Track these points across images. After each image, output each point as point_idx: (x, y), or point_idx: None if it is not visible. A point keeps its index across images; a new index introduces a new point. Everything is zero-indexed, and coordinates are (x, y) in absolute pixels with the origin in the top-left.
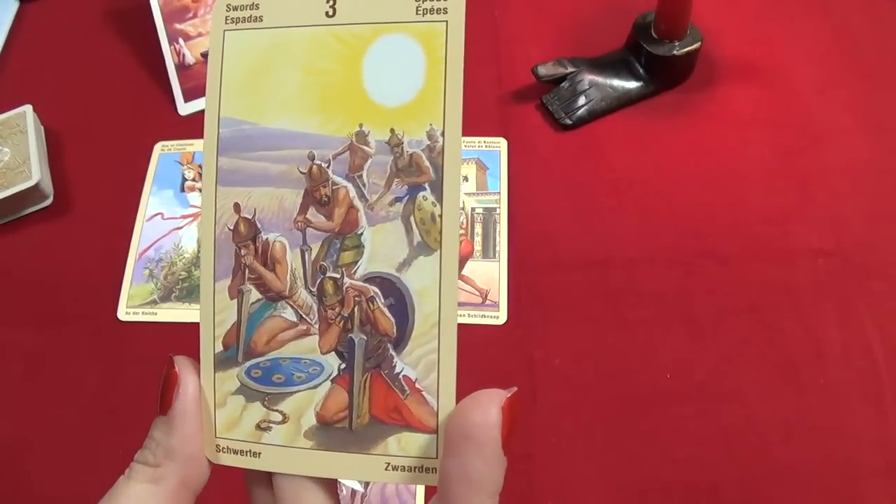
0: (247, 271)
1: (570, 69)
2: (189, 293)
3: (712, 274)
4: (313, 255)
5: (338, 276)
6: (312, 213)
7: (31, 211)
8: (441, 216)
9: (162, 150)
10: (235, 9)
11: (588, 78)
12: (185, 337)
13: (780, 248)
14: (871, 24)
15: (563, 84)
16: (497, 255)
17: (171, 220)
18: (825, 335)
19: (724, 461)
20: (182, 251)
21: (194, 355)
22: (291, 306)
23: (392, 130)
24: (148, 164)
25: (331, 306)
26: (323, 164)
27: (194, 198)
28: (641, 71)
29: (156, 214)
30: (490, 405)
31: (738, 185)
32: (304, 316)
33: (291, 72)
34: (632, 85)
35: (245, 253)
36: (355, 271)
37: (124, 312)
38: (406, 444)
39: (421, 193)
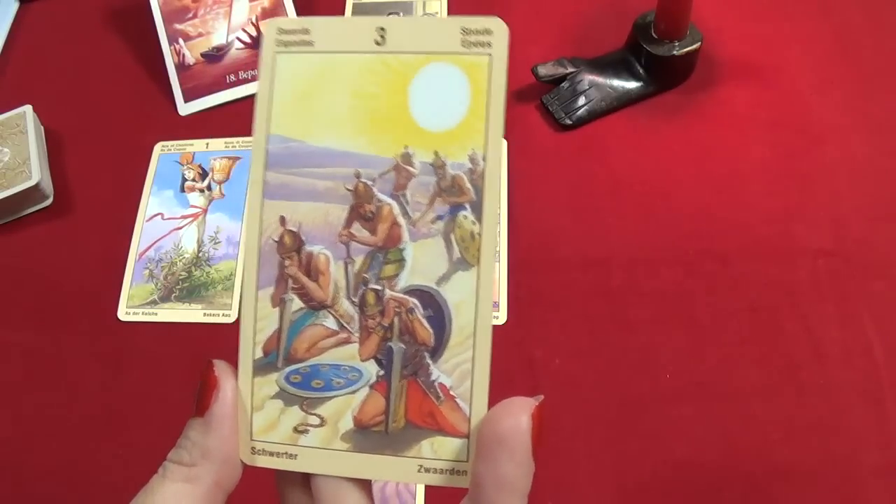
0: (290, 281)
1: (570, 69)
2: (189, 293)
3: (712, 274)
4: (356, 268)
5: (379, 287)
6: (357, 228)
7: (31, 211)
8: (480, 234)
9: (162, 151)
10: (286, 32)
11: (588, 78)
12: (185, 337)
13: (780, 248)
14: (871, 24)
15: (563, 84)
16: (497, 255)
17: (171, 220)
18: (825, 335)
19: (724, 461)
20: (182, 251)
21: (195, 355)
22: (333, 315)
23: (436, 153)
24: (148, 164)
25: (372, 316)
26: (369, 183)
27: (194, 198)
28: (641, 71)
29: (156, 214)
30: (521, 412)
31: (738, 185)
32: (345, 325)
33: (340, 95)
34: (632, 85)
35: (289, 264)
36: (396, 284)
37: (124, 312)
38: (439, 448)
39: (461, 213)
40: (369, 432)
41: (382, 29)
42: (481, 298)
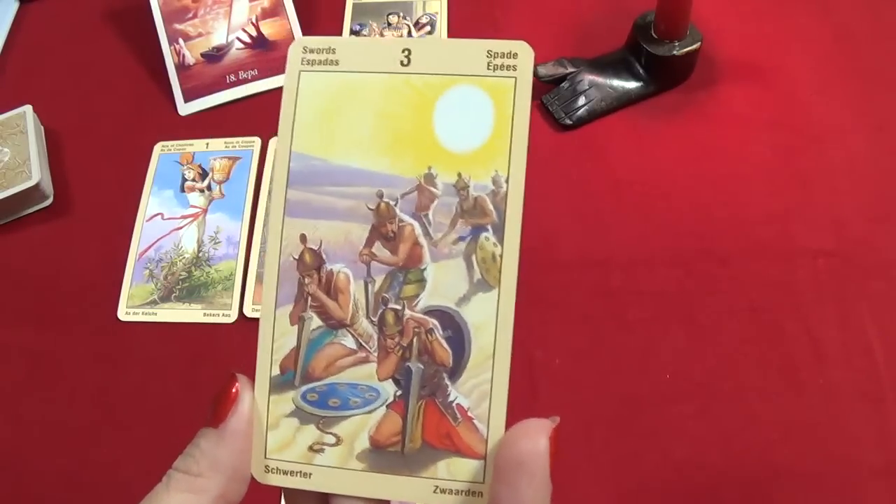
0: (309, 299)
1: (570, 69)
2: (189, 293)
3: (712, 274)
4: (376, 287)
5: (399, 307)
6: (378, 248)
7: (31, 211)
8: (501, 256)
9: (162, 150)
10: (312, 51)
11: (588, 78)
12: (185, 337)
13: (780, 248)
14: (871, 24)
15: (563, 84)
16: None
17: (171, 220)
18: (825, 335)
19: (724, 461)
20: (182, 251)
21: (195, 355)
22: (352, 334)
23: (459, 174)
24: (148, 164)
25: (391, 336)
26: (391, 202)
27: (194, 198)
28: (641, 71)
29: (156, 214)
30: (539, 435)
31: (738, 185)
32: (363, 344)
33: (364, 114)
34: (632, 85)
35: (309, 282)
36: (416, 304)
37: (124, 312)
38: (455, 469)
39: (483, 234)
40: (385, 452)
41: (408, 50)
42: (501, 320)
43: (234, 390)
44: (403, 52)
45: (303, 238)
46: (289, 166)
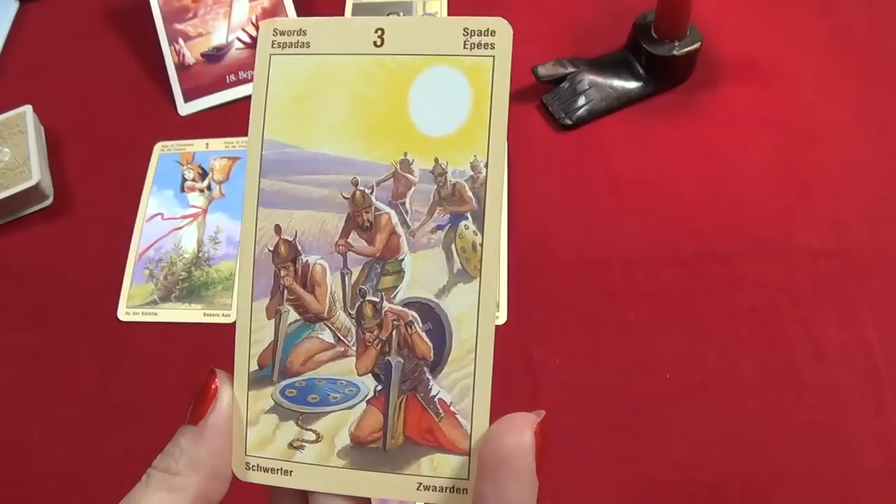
0: (285, 292)
1: (570, 69)
2: (189, 293)
3: (712, 274)
4: (353, 279)
5: (377, 299)
6: (354, 238)
7: (31, 211)
8: (482, 245)
9: (162, 150)
10: (282, 34)
11: (588, 78)
12: (185, 337)
13: (780, 248)
14: (871, 24)
15: (563, 84)
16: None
17: (171, 220)
18: (825, 335)
19: (724, 461)
20: (182, 251)
21: (195, 355)
22: (329, 328)
23: (436, 160)
24: (148, 164)
25: (369, 329)
26: (366, 190)
27: (194, 198)
28: (641, 71)
29: (156, 214)
30: (523, 430)
31: (739, 185)
32: (341, 338)
33: (337, 98)
34: (632, 85)
35: (284, 274)
36: (395, 296)
37: (124, 312)
38: (438, 465)
39: (463, 222)
40: (367, 449)
41: (381, 30)
42: (483, 312)
43: (213, 387)
44: (376, 31)
45: (277, 229)
46: (261, 154)
